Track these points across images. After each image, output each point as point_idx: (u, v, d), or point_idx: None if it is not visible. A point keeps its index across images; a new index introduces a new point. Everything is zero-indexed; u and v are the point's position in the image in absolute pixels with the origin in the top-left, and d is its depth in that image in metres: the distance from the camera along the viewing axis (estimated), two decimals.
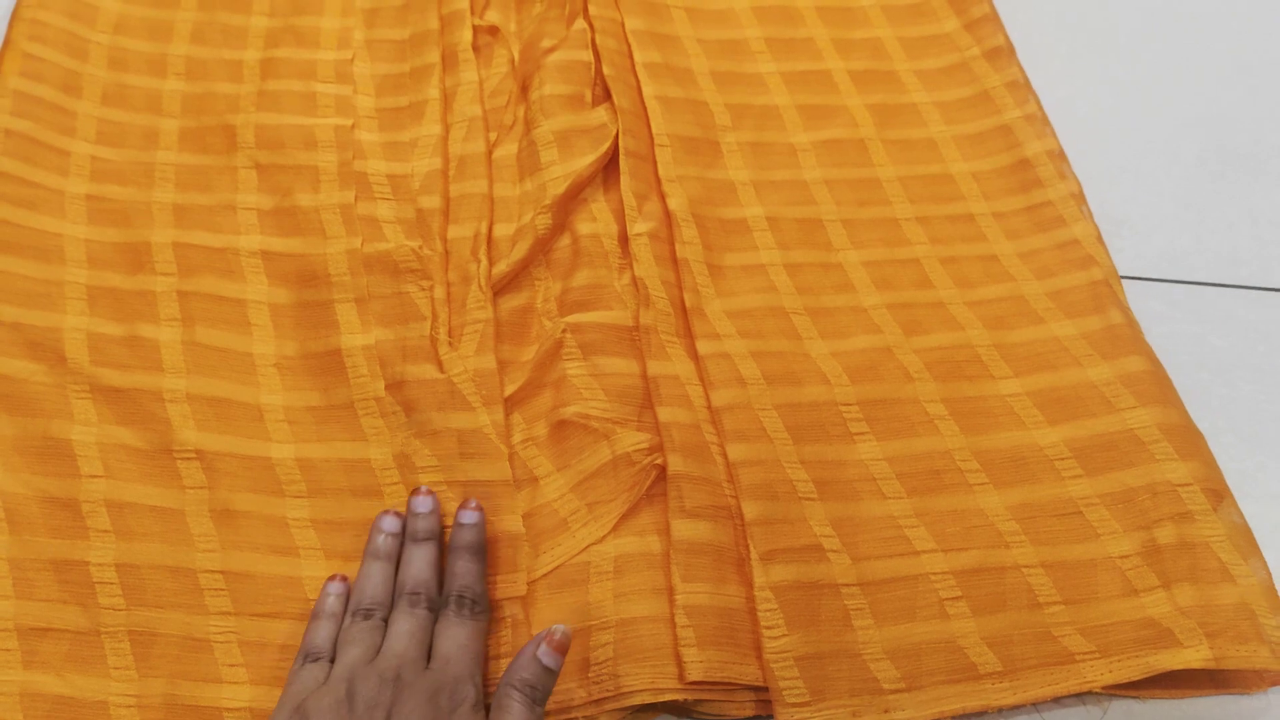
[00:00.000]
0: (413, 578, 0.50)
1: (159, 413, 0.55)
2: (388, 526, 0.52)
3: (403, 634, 0.47)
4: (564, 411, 0.56)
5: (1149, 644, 0.51)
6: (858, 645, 0.51)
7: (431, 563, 0.51)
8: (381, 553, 0.51)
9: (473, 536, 0.51)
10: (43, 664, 0.48)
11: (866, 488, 0.55)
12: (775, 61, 0.72)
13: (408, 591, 0.49)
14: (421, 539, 0.51)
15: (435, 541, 0.51)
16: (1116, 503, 0.55)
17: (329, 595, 0.50)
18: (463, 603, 0.49)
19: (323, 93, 0.66)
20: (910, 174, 0.67)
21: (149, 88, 0.66)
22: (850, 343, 0.60)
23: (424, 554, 0.51)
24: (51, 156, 0.62)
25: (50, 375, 0.55)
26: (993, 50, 0.72)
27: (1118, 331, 0.60)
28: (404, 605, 0.49)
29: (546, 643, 0.46)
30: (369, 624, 0.48)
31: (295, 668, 0.47)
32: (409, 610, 0.49)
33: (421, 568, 0.50)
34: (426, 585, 0.50)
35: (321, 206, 0.62)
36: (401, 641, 0.47)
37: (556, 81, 0.67)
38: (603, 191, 0.64)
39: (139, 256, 0.60)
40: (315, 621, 0.49)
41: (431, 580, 0.50)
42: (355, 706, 0.44)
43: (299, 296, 0.59)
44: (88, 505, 0.52)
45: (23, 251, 0.58)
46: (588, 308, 0.59)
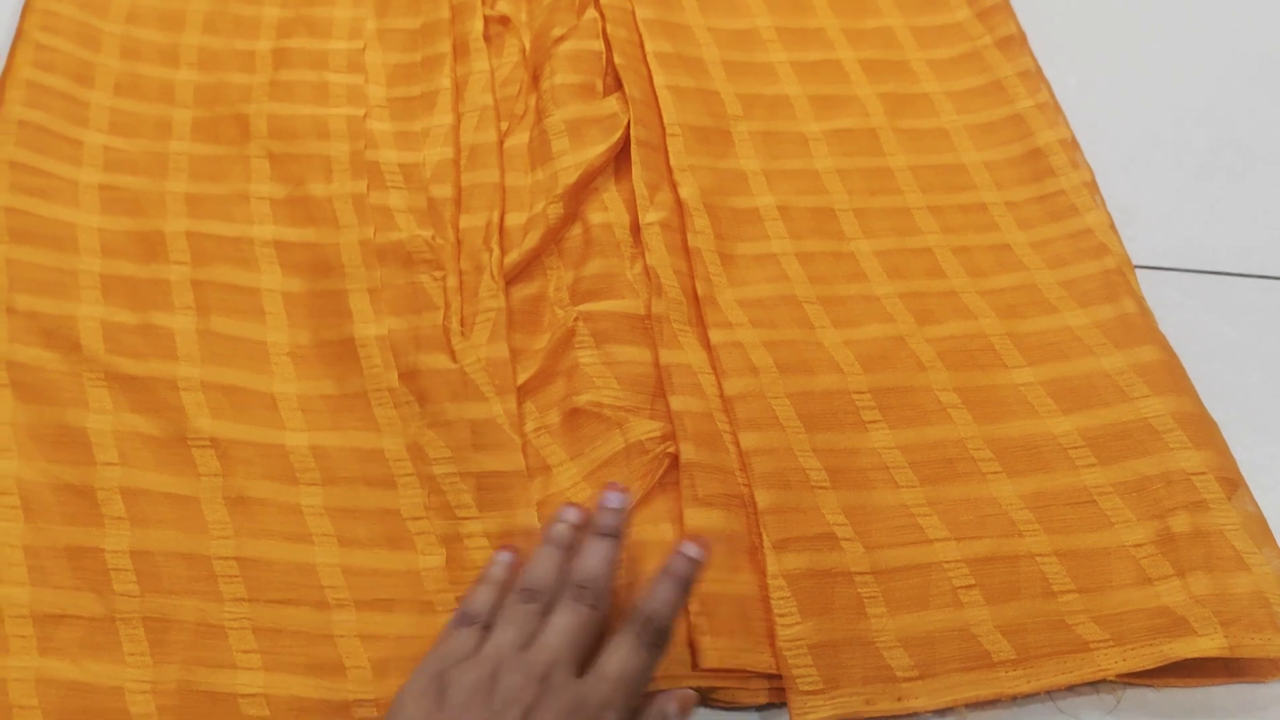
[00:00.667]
0: (586, 570, 0.46)
1: (174, 401, 0.55)
2: (569, 516, 0.49)
3: (562, 629, 0.45)
4: (576, 400, 0.56)
5: (1163, 632, 0.51)
6: (871, 633, 0.51)
7: (609, 561, 0.47)
8: (557, 539, 0.48)
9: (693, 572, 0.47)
10: (58, 650, 0.48)
11: (879, 476, 0.55)
12: (786, 51, 0.72)
13: (576, 583, 0.46)
14: (605, 534, 0.48)
15: (618, 541, 0.48)
16: (1130, 491, 0.55)
17: (496, 563, 0.49)
18: (647, 627, 0.45)
19: (335, 82, 0.67)
20: (922, 163, 0.67)
21: (162, 78, 0.66)
22: (863, 331, 0.60)
23: (604, 549, 0.47)
24: (65, 146, 0.62)
25: (65, 363, 0.55)
26: (1005, 39, 0.72)
27: (1131, 320, 0.60)
28: (569, 598, 0.46)
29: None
30: (531, 608, 0.46)
31: (449, 627, 0.46)
32: (573, 604, 0.45)
33: (597, 563, 0.47)
34: (597, 582, 0.46)
35: (334, 196, 0.62)
36: (559, 637, 0.44)
37: (568, 71, 0.67)
38: (614, 181, 0.64)
39: (153, 245, 0.60)
40: (479, 585, 0.48)
41: (604, 579, 0.47)
42: (494, 697, 0.42)
43: (312, 286, 0.59)
44: (103, 492, 0.52)
45: (37, 240, 0.58)
46: (600, 296, 0.60)
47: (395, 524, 0.53)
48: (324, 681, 0.49)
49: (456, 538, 0.53)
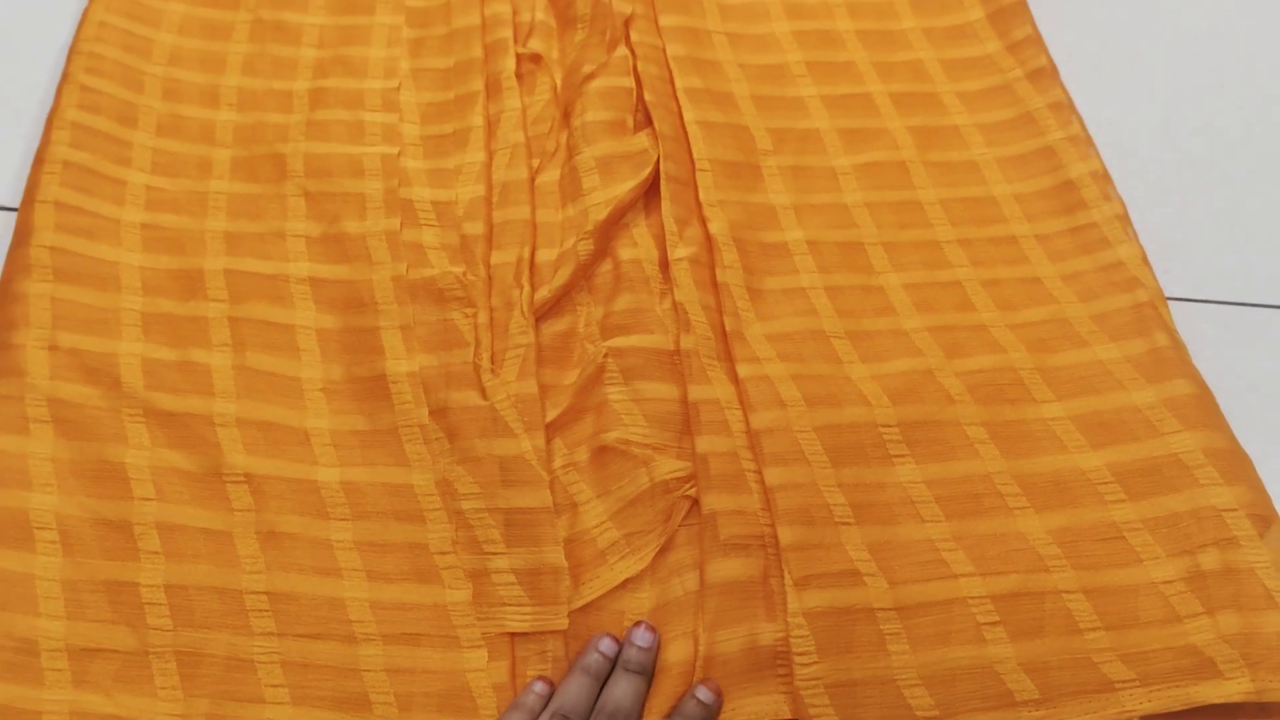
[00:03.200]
0: (615, 701, 0.49)
1: (209, 436, 0.56)
2: (604, 649, 0.51)
3: None
4: (605, 437, 0.57)
5: (1190, 673, 0.50)
6: (892, 671, 0.51)
7: (639, 696, 0.50)
8: (591, 669, 0.51)
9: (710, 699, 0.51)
10: (92, 684, 0.49)
11: (904, 510, 0.55)
12: (816, 85, 0.72)
13: (608, 713, 0.49)
14: (634, 670, 0.51)
15: (647, 678, 0.51)
16: (1160, 527, 0.54)
17: (531, 693, 0.51)
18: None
19: (370, 121, 0.68)
20: (952, 196, 0.67)
21: (202, 118, 0.68)
22: (891, 365, 0.60)
23: (633, 684, 0.50)
24: (108, 186, 0.63)
25: (106, 399, 0.56)
26: (1035, 71, 0.72)
27: (1163, 354, 0.60)
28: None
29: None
30: None
31: None
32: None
33: (627, 694, 0.50)
34: (627, 715, 0.49)
35: (368, 233, 0.63)
36: None
37: (598, 108, 0.67)
38: (644, 216, 0.65)
39: (192, 283, 0.61)
40: (512, 713, 0.50)
41: (634, 713, 0.50)
42: None
43: (346, 322, 0.60)
44: (139, 527, 0.53)
45: (81, 279, 0.60)
46: (629, 332, 0.60)
47: (423, 558, 0.54)
48: (351, 715, 0.50)
49: (484, 573, 0.53)
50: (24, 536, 0.52)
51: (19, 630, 0.50)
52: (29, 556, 0.52)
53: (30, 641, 0.50)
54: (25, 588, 0.51)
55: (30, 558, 0.52)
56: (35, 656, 0.50)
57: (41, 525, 0.52)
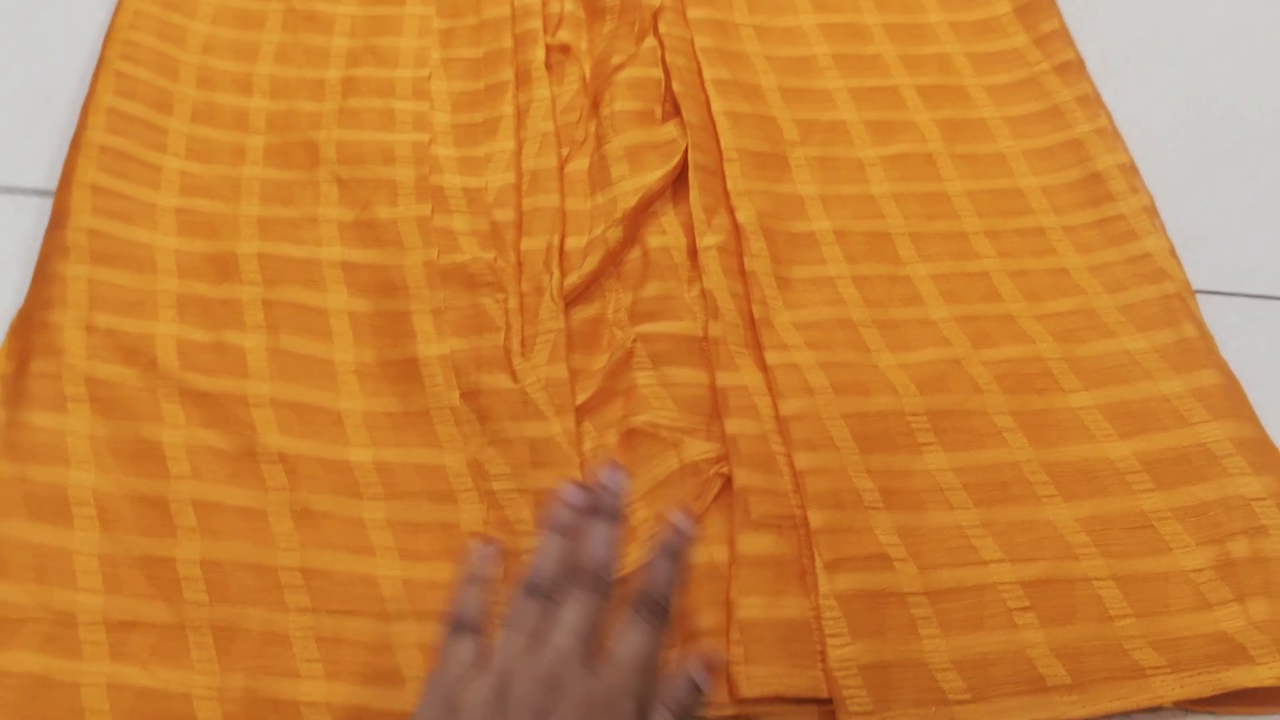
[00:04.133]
0: (594, 557, 0.46)
1: (244, 416, 0.56)
2: (573, 498, 0.48)
3: (570, 626, 0.44)
4: (634, 420, 0.57)
5: (1221, 659, 0.50)
6: (923, 655, 0.51)
7: (614, 543, 0.47)
8: (562, 527, 0.47)
9: (684, 544, 0.48)
10: (130, 656, 0.50)
11: (933, 497, 0.55)
12: (843, 78, 0.72)
13: (586, 571, 0.45)
14: (607, 516, 0.47)
15: (619, 523, 0.47)
16: (1188, 516, 0.54)
17: (478, 559, 0.48)
18: (650, 606, 0.45)
19: (401, 110, 0.68)
20: (979, 188, 0.67)
21: (236, 105, 0.68)
22: (918, 355, 0.60)
23: (608, 533, 0.46)
24: (144, 171, 0.64)
25: (142, 380, 0.57)
26: (1063, 65, 0.72)
27: (1190, 345, 0.60)
28: (578, 588, 0.45)
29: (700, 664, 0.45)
30: (536, 605, 0.45)
31: (447, 638, 0.45)
32: (582, 595, 0.45)
33: (604, 548, 0.46)
34: (606, 568, 0.46)
35: (400, 219, 0.63)
36: (568, 636, 0.44)
37: (627, 98, 0.68)
38: (672, 205, 0.65)
39: (226, 267, 0.62)
40: (465, 586, 0.47)
41: (611, 564, 0.46)
42: (507, 711, 0.42)
43: (378, 306, 0.61)
44: (176, 504, 0.54)
45: (117, 262, 0.60)
46: (657, 318, 0.60)
47: (455, 538, 0.54)
48: (384, 690, 0.50)
49: (514, 553, 0.54)
50: (62, 512, 0.53)
51: (56, 603, 0.50)
52: (67, 531, 0.52)
53: (68, 615, 0.50)
54: (63, 562, 0.51)
55: (68, 532, 0.52)
56: (73, 629, 0.50)
57: (79, 501, 0.53)
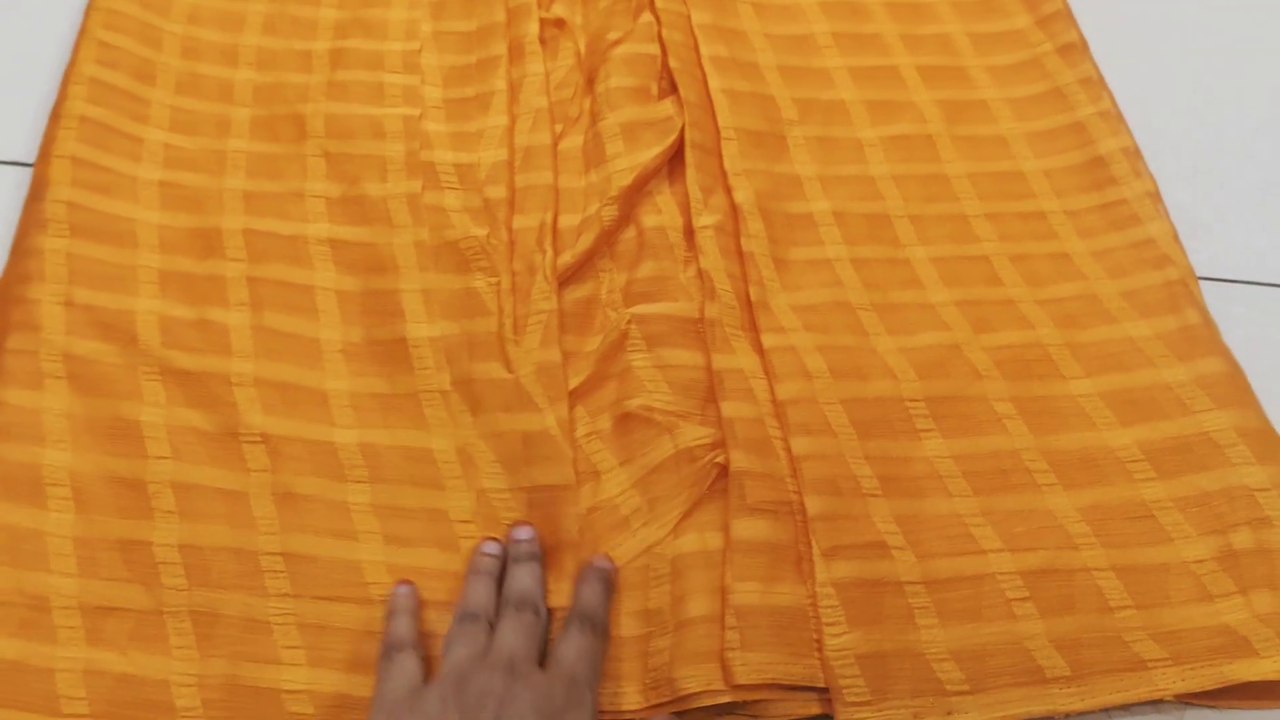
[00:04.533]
0: (518, 591, 0.49)
1: (226, 396, 0.55)
2: (489, 550, 0.51)
3: (511, 632, 0.47)
4: (628, 404, 0.56)
5: (1224, 652, 0.50)
6: (921, 645, 0.50)
7: (538, 579, 0.50)
8: (484, 569, 0.50)
9: (611, 569, 0.51)
10: (107, 642, 0.49)
11: (932, 485, 0.54)
12: (843, 56, 0.71)
13: (513, 601, 0.48)
14: (524, 559, 0.51)
15: (538, 563, 0.51)
16: (1191, 506, 0.54)
17: (400, 595, 0.50)
18: (586, 620, 0.48)
19: (390, 83, 0.67)
20: (980, 170, 0.66)
21: (221, 77, 0.67)
22: (918, 339, 0.59)
23: (530, 570, 0.50)
24: (126, 143, 0.63)
25: (121, 356, 0.55)
26: (1065, 46, 0.71)
27: (1194, 332, 0.59)
28: (510, 612, 0.48)
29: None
30: (476, 626, 0.47)
31: (383, 665, 0.47)
32: (516, 615, 0.48)
33: (528, 582, 0.50)
34: (534, 596, 0.49)
35: (389, 196, 0.62)
36: (512, 636, 0.46)
37: (623, 74, 0.66)
38: (668, 184, 0.64)
39: (210, 242, 0.60)
40: (395, 618, 0.49)
41: (538, 594, 0.49)
42: (466, 696, 0.43)
43: (366, 285, 0.60)
44: (154, 486, 0.52)
45: (97, 236, 0.59)
46: (652, 299, 0.59)
47: (442, 525, 0.53)
48: (366, 679, 0.49)
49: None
50: (36, 492, 0.51)
51: (30, 587, 0.49)
52: (40, 513, 0.51)
53: (41, 599, 0.49)
54: (36, 544, 0.50)
55: (42, 514, 0.51)
56: (47, 614, 0.49)
57: (54, 481, 0.52)
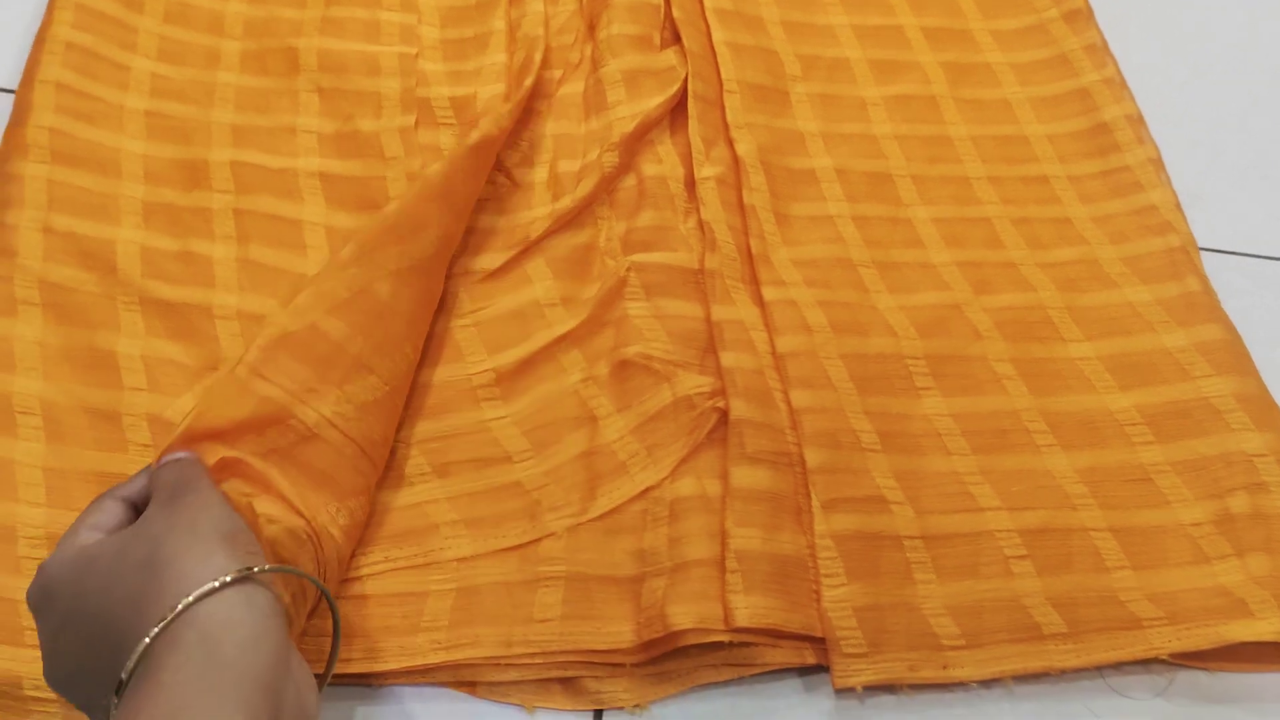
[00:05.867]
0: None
1: (208, 329, 0.54)
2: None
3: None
4: (625, 351, 0.55)
5: (1220, 613, 0.50)
6: (918, 599, 0.50)
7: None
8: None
9: None
10: None
11: (931, 443, 0.54)
12: (847, 14, 0.71)
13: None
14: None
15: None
16: (1188, 470, 0.54)
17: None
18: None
19: (387, 20, 0.66)
20: (983, 134, 0.66)
21: (211, 8, 0.66)
22: (918, 298, 0.59)
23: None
24: (112, 71, 0.61)
25: (100, 285, 0.54)
26: (1071, 13, 0.71)
27: (1194, 299, 0.59)
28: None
29: None
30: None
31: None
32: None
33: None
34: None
35: (382, 130, 0.61)
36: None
37: (625, 21, 0.66)
38: (670, 134, 0.63)
39: (196, 174, 0.59)
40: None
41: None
42: None
43: (357, 220, 0.59)
44: (129, 418, 0.51)
45: (80, 163, 0.57)
46: (652, 248, 0.58)
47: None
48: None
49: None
50: (5, 420, 0.50)
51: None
52: (10, 441, 0.49)
53: (8, 529, 0.48)
54: (4, 472, 0.49)
55: (11, 442, 0.49)
56: (13, 544, 0.47)
57: (25, 410, 0.50)
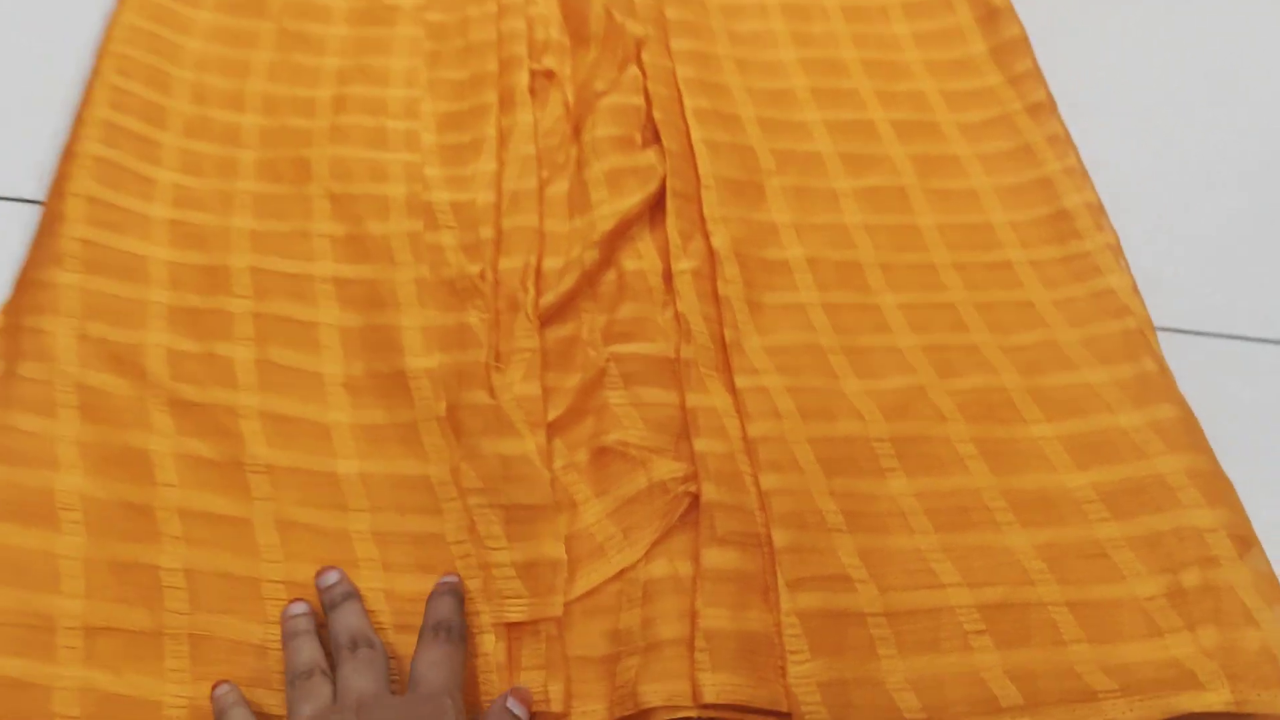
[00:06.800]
0: (346, 630, 0.49)
1: (232, 427, 0.57)
2: (296, 610, 0.51)
3: (353, 673, 0.47)
4: (604, 439, 0.58)
5: (1171, 684, 0.51)
6: (881, 674, 0.52)
7: (360, 613, 0.50)
8: (299, 630, 0.50)
9: (453, 579, 0.52)
10: (104, 662, 0.50)
11: (895, 522, 0.56)
12: (820, 110, 0.73)
13: (345, 643, 0.48)
14: (341, 600, 0.51)
15: (357, 598, 0.51)
16: (1142, 545, 0.56)
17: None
18: (439, 629, 0.49)
19: (392, 128, 0.70)
20: (949, 222, 0.69)
21: (228, 121, 0.69)
22: (885, 382, 0.61)
23: (351, 608, 0.50)
24: (138, 183, 0.65)
25: (132, 388, 0.58)
26: (1034, 105, 0.74)
27: (1149, 379, 0.61)
28: (345, 654, 0.48)
29: (513, 694, 0.48)
30: (312, 680, 0.47)
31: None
32: (351, 655, 0.48)
33: (353, 620, 0.50)
34: (364, 631, 0.49)
35: (391, 234, 0.65)
36: (354, 679, 0.46)
37: (608, 124, 0.69)
38: (649, 230, 0.66)
39: (218, 279, 0.63)
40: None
41: (366, 627, 0.50)
42: None
43: (368, 320, 0.62)
44: (162, 512, 0.54)
45: (110, 271, 0.61)
46: (631, 339, 0.61)
47: (439, 549, 0.55)
48: None
49: (485, 566, 0.55)
50: (48, 516, 0.53)
51: (37, 606, 0.51)
52: (52, 535, 0.53)
53: (48, 618, 0.50)
54: (47, 565, 0.52)
55: (54, 536, 0.52)
56: (51, 634, 0.50)
57: (66, 506, 0.53)
